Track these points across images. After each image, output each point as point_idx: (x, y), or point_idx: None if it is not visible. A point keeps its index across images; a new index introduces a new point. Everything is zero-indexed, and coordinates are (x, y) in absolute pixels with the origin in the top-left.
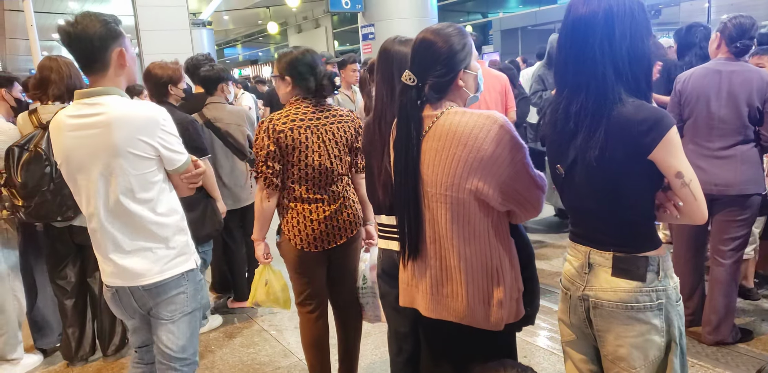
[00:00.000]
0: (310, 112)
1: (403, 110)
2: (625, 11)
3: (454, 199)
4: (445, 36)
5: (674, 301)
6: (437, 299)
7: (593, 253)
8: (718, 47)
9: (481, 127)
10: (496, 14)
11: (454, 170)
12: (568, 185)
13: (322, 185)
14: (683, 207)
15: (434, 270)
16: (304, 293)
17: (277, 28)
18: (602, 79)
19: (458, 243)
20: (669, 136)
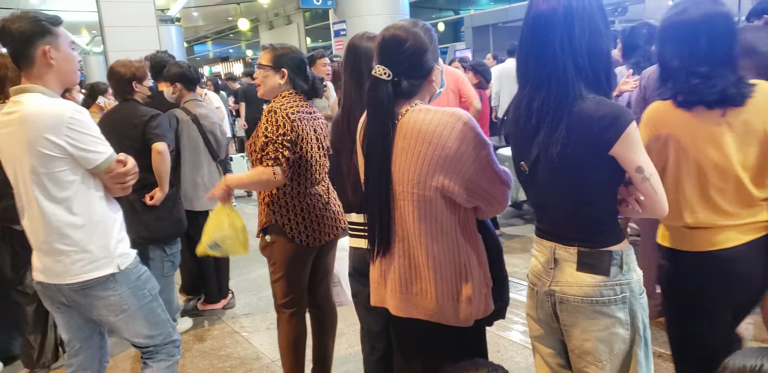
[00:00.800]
0: (304, 106)
1: (380, 106)
2: (584, 8)
3: (420, 196)
4: (418, 33)
5: (638, 294)
6: (406, 298)
7: (558, 248)
8: None
9: (444, 124)
10: (468, 11)
11: (419, 168)
12: (532, 181)
13: (317, 179)
14: (644, 201)
15: (403, 269)
16: (289, 296)
17: (248, 24)
18: (563, 76)
19: (426, 241)
20: (629, 131)
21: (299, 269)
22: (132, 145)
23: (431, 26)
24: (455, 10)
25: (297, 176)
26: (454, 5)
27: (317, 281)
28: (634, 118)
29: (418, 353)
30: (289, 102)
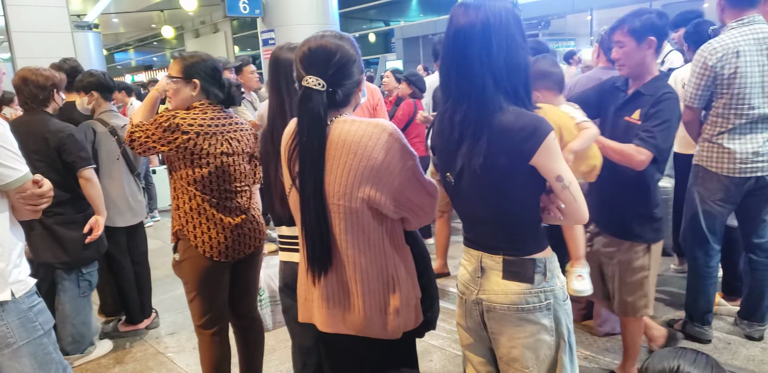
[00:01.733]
0: (217, 118)
1: (316, 117)
2: (501, 23)
3: (347, 208)
4: (344, 44)
5: (561, 300)
6: (333, 313)
7: (485, 257)
8: (598, 57)
9: (370, 135)
10: (398, 22)
11: (346, 179)
12: (457, 192)
13: (229, 196)
14: (565, 209)
15: (330, 284)
16: (207, 315)
17: (173, 32)
18: (482, 89)
19: (353, 253)
20: (547, 141)
21: (214, 286)
22: (42, 160)
23: (353, 38)
24: (385, 22)
25: (204, 189)
26: (385, 16)
27: (238, 298)
28: (553, 129)
29: (349, 368)
30: (196, 113)
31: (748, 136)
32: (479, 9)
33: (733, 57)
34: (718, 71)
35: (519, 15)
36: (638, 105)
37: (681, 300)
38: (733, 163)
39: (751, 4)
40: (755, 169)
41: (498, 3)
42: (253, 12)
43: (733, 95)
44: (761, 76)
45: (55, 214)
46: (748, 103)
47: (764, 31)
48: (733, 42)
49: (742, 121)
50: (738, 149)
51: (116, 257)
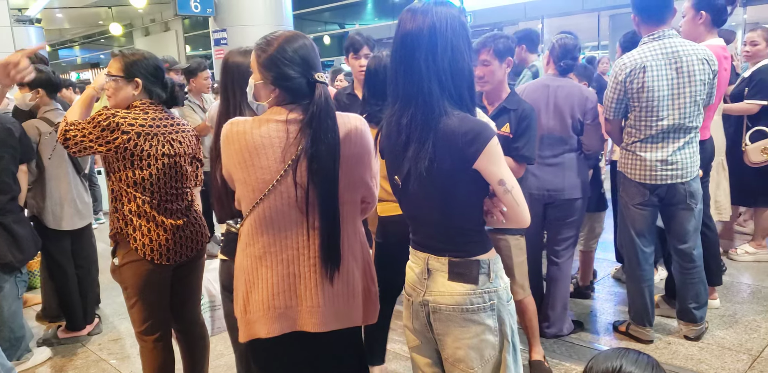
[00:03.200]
0: (158, 118)
1: (332, 110)
2: (447, 28)
3: (349, 200)
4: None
5: (505, 301)
6: (329, 310)
7: (431, 259)
8: (548, 64)
9: (363, 127)
10: (353, 25)
11: (353, 171)
12: (405, 195)
13: (171, 199)
14: (507, 212)
15: (326, 280)
16: (148, 321)
17: (121, 29)
18: (428, 93)
19: (351, 242)
20: (490, 146)
21: (156, 291)
22: (7, 152)
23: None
24: (340, 24)
25: (145, 191)
26: (339, 19)
27: (180, 303)
28: (495, 134)
29: (334, 362)
30: (136, 113)
31: (659, 145)
32: (426, 15)
33: (640, 72)
34: (627, 86)
35: (465, 22)
36: (506, 119)
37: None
38: (645, 170)
39: (661, 20)
40: (665, 177)
41: (445, 9)
42: (204, 11)
43: (642, 108)
44: (670, 90)
45: (8, 211)
46: (657, 115)
47: (674, 45)
48: (641, 57)
49: (652, 131)
50: (649, 157)
51: (59, 261)
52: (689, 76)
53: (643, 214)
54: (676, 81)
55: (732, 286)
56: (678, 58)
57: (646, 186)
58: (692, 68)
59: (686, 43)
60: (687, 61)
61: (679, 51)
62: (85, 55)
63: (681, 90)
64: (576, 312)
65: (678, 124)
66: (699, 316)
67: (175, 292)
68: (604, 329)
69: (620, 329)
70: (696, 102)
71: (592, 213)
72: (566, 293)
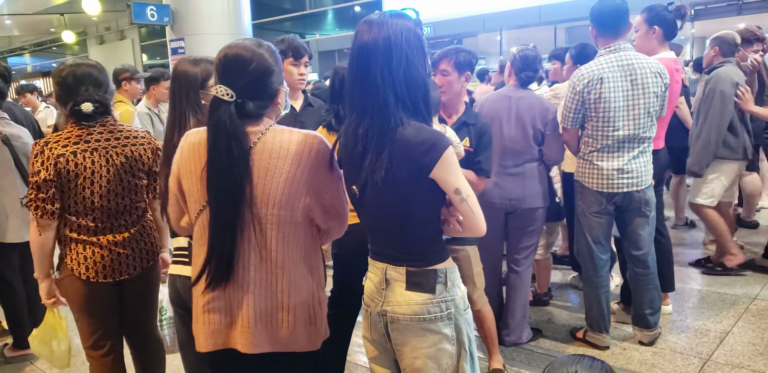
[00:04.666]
0: (97, 132)
1: (222, 126)
2: (402, 40)
3: (285, 218)
4: (262, 54)
5: (462, 310)
6: (260, 331)
7: (389, 269)
8: (509, 75)
9: (310, 144)
10: (313, 35)
11: (289, 189)
12: (362, 205)
13: (112, 213)
14: (464, 221)
15: (258, 299)
16: (95, 335)
17: (74, 37)
18: (384, 104)
19: (289, 265)
20: (446, 155)
21: (96, 308)
22: None
23: (275, 48)
24: (301, 34)
25: (73, 214)
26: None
27: (132, 318)
28: (451, 144)
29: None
30: (70, 131)
31: (615, 154)
32: (382, 26)
33: (597, 83)
34: (585, 96)
35: (421, 34)
36: (466, 133)
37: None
38: (602, 179)
39: (617, 34)
40: (621, 185)
41: (400, 21)
42: (161, 20)
43: (599, 118)
44: (625, 101)
45: None
46: (613, 125)
47: (629, 58)
48: (598, 69)
49: (609, 141)
50: (605, 166)
51: (5, 276)
52: (643, 88)
53: (600, 222)
54: (631, 93)
55: (683, 291)
56: (633, 70)
57: (603, 194)
58: (646, 81)
59: (640, 56)
60: (641, 74)
61: (633, 64)
62: (36, 63)
63: (636, 101)
64: (534, 319)
65: (633, 135)
66: (653, 321)
67: (126, 306)
68: (562, 335)
69: (578, 336)
70: (649, 113)
71: (548, 223)
72: (526, 301)
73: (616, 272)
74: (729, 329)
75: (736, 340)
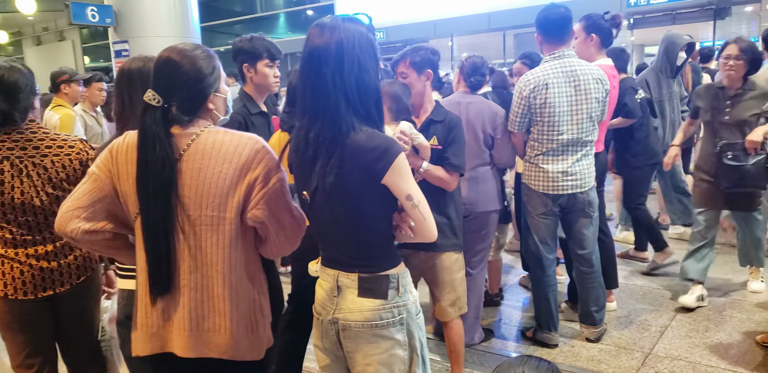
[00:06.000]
0: (11, 141)
1: (149, 131)
2: (354, 45)
3: (220, 219)
4: (194, 58)
5: (414, 314)
6: (197, 335)
7: (341, 276)
8: (458, 82)
9: (245, 145)
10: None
11: (221, 189)
12: (313, 211)
13: (32, 226)
14: (415, 227)
15: (194, 303)
16: (23, 353)
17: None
18: (335, 109)
19: (224, 269)
20: (398, 161)
21: (21, 325)
22: None
23: (213, 52)
24: None
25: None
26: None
27: (66, 335)
28: (403, 150)
29: None
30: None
31: (559, 157)
32: (334, 30)
33: (543, 89)
34: (531, 101)
35: (373, 39)
36: (434, 131)
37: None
38: (547, 181)
39: (561, 41)
40: (566, 187)
41: (353, 26)
42: (103, 21)
43: (544, 123)
44: (569, 106)
45: None
46: (558, 129)
47: (572, 64)
48: (544, 75)
49: (553, 145)
50: (551, 169)
51: None
52: (586, 94)
53: (546, 223)
54: (574, 98)
55: (626, 288)
56: (576, 76)
57: (548, 196)
58: (588, 87)
59: (583, 62)
60: (584, 80)
61: (576, 70)
62: None
63: (579, 106)
64: (486, 320)
65: (576, 139)
66: (599, 318)
67: (61, 323)
68: (513, 335)
69: (528, 335)
70: (591, 118)
71: (498, 225)
72: (479, 303)
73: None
74: (668, 323)
75: (675, 333)
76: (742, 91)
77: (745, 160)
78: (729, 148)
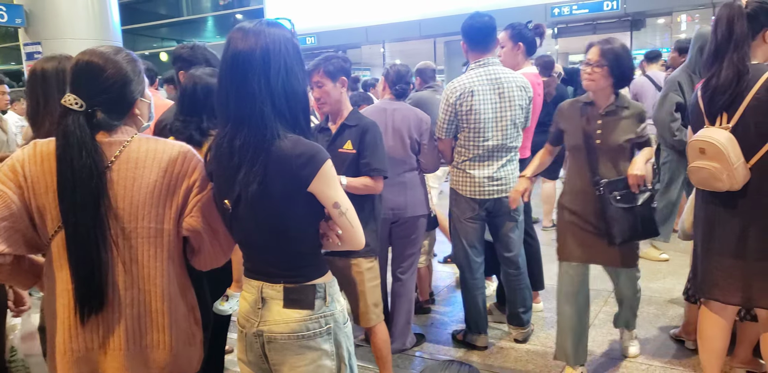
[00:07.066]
0: None
1: (72, 137)
2: (280, 50)
3: (158, 231)
4: (118, 62)
5: (342, 324)
6: (134, 354)
7: (265, 287)
8: (384, 89)
9: (178, 153)
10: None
11: (157, 199)
12: (236, 220)
13: None
14: (343, 235)
15: (130, 320)
16: None
17: None
18: (260, 115)
19: (163, 282)
20: (324, 168)
21: None
22: None
23: (136, 56)
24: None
25: None
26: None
27: None
28: (329, 157)
29: None
30: None
31: (486, 163)
32: (258, 35)
33: (468, 96)
34: (457, 108)
35: (298, 44)
36: (347, 136)
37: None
38: (474, 186)
39: (486, 49)
40: (492, 192)
41: (278, 31)
42: (12, 21)
43: (470, 129)
44: (494, 113)
45: None
46: (484, 136)
47: (497, 72)
48: (469, 82)
49: (480, 151)
50: (477, 174)
51: None
52: (510, 101)
53: (474, 227)
54: (499, 105)
55: (553, 289)
56: (500, 84)
57: (475, 201)
58: (512, 94)
59: (507, 70)
60: (508, 88)
61: (501, 78)
62: None
63: (503, 113)
64: (418, 324)
65: (501, 145)
66: (526, 319)
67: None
68: (445, 339)
69: (458, 338)
70: (515, 125)
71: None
72: (410, 308)
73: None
74: (591, 322)
75: (598, 331)
76: (615, 109)
77: (634, 200)
78: (613, 188)
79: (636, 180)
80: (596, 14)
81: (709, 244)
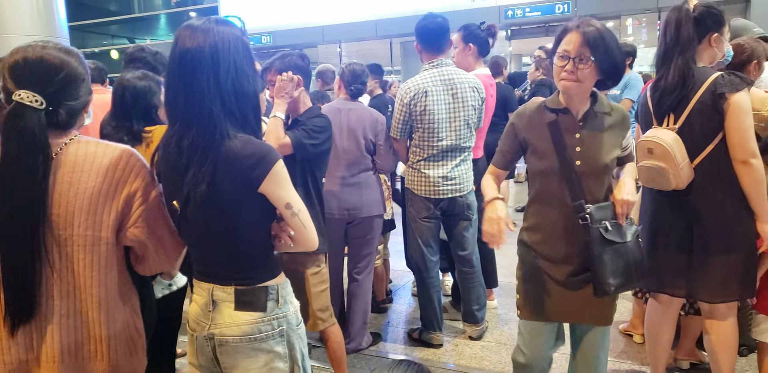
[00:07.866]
0: None
1: (29, 137)
2: (230, 49)
3: (95, 239)
4: (71, 60)
5: (295, 325)
6: (71, 365)
7: (216, 289)
8: (339, 89)
9: (119, 157)
10: (144, 40)
11: (95, 206)
12: (184, 221)
13: None
14: (295, 236)
15: (65, 331)
16: None
17: None
18: (209, 115)
19: (100, 292)
20: (275, 169)
21: None
22: None
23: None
24: (130, 39)
25: None
26: (129, 33)
27: None
28: (281, 157)
29: None
30: None
31: (440, 163)
32: (207, 33)
33: (422, 96)
34: (411, 108)
35: (248, 43)
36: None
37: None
38: (429, 186)
39: (439, 50)
40: (446, 191)
41: (227, 29)
42: None
43: (425, 129)
44: (447, 113)
45: None
46: (437, 136)
47: (450, 73)
48: (423, 83)
49: (434, 151)
50: (432, 174)
51: None
52: (463, 102)
53: (429, 226)
54: (452, 106)
55: (507, 287)
56: (453, 85)
57: (430, 200)
58: (465, 95)
59: (460, 71)
60: (461, 88)
61: (454, 78)
62: None
63: (456, 114)
64: (374, 324)
65: (455, 145)
66: (480, 317)
67: None
68: (401, 338)
69: (414, 336)
70: (468, 125)
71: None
72: (366, 308)
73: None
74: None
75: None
76: (594, 116)
77: (623, 235)
78: (602, 216)
79: (625, 208)
80: (548, 17)
81: (656, 239)
